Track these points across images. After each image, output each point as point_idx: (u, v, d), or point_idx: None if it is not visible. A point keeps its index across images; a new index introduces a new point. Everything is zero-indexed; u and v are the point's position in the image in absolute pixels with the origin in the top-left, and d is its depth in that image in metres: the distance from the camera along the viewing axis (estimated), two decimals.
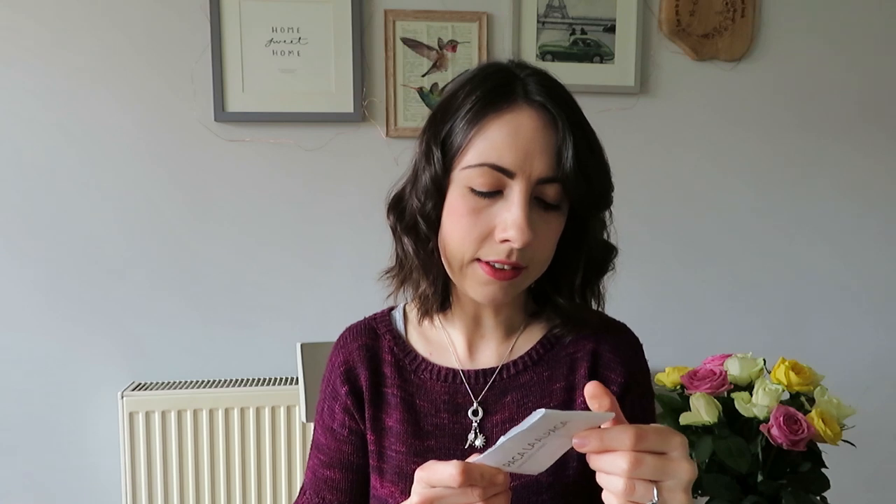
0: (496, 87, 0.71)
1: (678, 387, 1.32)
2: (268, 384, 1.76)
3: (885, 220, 2.05)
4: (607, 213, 0.80)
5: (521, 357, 0.81)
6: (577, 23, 1.86)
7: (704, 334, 1.98)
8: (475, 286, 0.73)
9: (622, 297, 2.04)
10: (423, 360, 0.82)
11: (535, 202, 0.70)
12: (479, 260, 0.71)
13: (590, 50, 1.87)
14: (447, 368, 0.81)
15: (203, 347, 1.81)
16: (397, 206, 0.78)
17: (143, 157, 1.76)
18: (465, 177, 0.70)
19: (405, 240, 0.76)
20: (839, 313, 2.05)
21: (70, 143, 1.73)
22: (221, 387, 1.75)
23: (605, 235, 0.82)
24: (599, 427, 0.55)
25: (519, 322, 0.82)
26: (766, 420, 1.18)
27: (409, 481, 0.78)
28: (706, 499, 1.24)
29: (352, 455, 0.83)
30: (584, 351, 0.81)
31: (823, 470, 1.23)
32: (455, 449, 0.78)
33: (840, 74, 1.98)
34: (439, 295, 0.78)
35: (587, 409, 0.74)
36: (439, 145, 0.72)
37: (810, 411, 1.19)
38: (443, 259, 0.75)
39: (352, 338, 0.85)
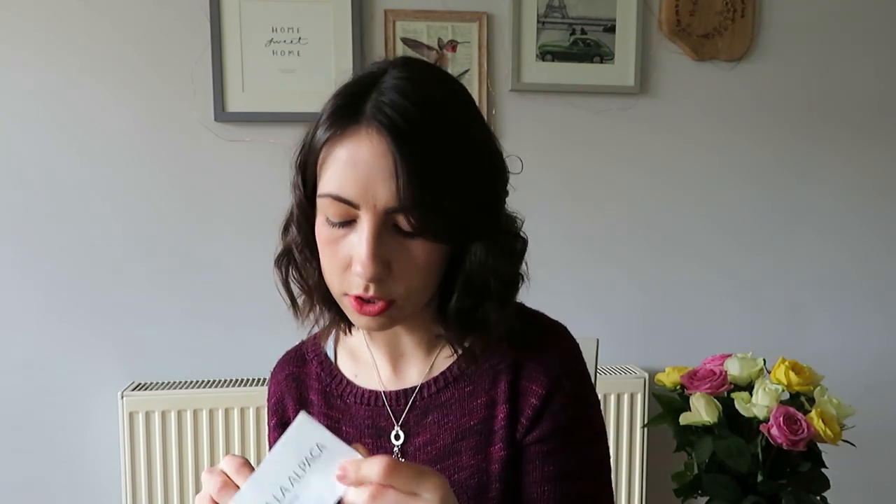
0: (343, 107, 0.65)
1: (678, 387, 1.32)
2: (267, 384, 1.75)
3: (886, 220, 2.05)
4: (507, 237, 0.71)
5: (442, 373, 0.76)
6: (577, 23, 1.85)
7: (704, 334, 1.98)
8: (352, 317, 0.70)
9: (622, 297, 2.04)
10: (349, 383, 0.79)
11: (394, 230, 0.64)
12: (347, 294, 0.68)
13: (590, 50, 1.87)
14: (370, 391, 0.77)
15: (203, 347, 1.81)
16: (286, 231, 0.74)
17: (143, 158, 1.76)
18: (321, 205, 0.66)
19: (288, 269, 0.74)
20: (839, 313, 2.05)
21: (70, 143, 1.73)
22: (221, 387, 1.75)
23: (511, 263, 0.71)
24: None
25: (438, 339, 0.76)
26: (766, 420, 1.18)
27: None
28: (706, 498, 1.24)
29: None
30: (506, 363, 0.73)
31: (823, 470, 1.23)
32: None
33: (840, 74, 1.98)
34: (336, 322, 0.75)
35: (508, 425, 0.72)
36: (299, 172, 0.69)
37: (810, 411, 1.20)
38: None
39: (280, 368, 0.86)
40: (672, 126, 1.93)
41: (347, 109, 0.64)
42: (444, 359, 0.76)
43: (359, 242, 0.64)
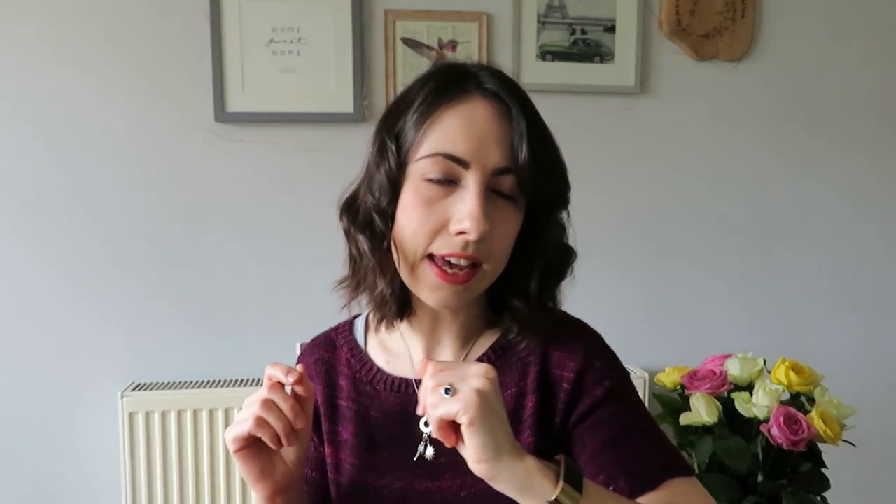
0: (449, 80, 0.71)
1: (678, 387, 1.32)
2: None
3: (885, 221, 2.04)
4: (566, 216, 0.79)
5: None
6: (577, 23, 1.85)
7: (704, 334, 1.98)
8: (426, 291, 0.71)
9: (622, 297, 2.04)
10: (379, 370, 0.80)
11: (491, 195, 0.69)
12: (431, 258, 0.69)
13: (590, 50, 1.87)
14: (401, 378, 0.79)
15: (203, 347, 1.81)
16: (350, 208, 0.77)
17: (144, 158, 1.76)
18: (418, 168, 0.69)
19: (360, 238, 0.74)
20: (839, 313, 2.05)
21: (70, 143, 1.73)
22: (221, 387, 1.75)
23: (566, 239, 0.80)
24: None
25: (476, 329, 0.79)
26: (766, 420, 1.18)
27: (364, 494, 0.77)
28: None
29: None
30: (535, 354, 0.76)
31: (823, 470, 1.23)
32: (406, 460, 0.75)
33: (840, 75, 1.97)
34: (397, 296, 0.74)
35: (537, 414, 0.74)
36: (394, 139, 0.71)
37: (810, 411, 1.19)
38: (398, 259, 0.72)
39: (309, 352, 0.86)
40: (672, 126, 1.93)
41: (454, 82, 0.71)
42: (479, 349, 0.78)
43: (465, 202, 0.67)
